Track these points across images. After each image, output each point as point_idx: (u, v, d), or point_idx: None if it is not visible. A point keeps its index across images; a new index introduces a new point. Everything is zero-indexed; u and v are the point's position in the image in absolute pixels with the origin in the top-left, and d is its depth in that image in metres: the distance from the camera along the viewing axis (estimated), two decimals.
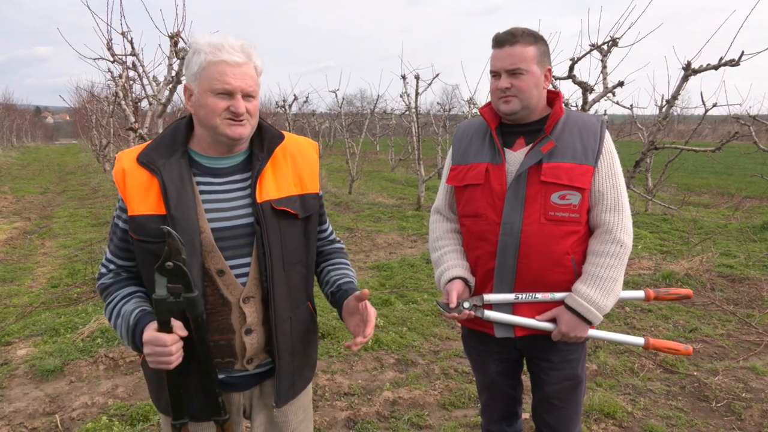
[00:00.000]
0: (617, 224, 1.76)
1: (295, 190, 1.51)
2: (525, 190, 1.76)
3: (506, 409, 2.09)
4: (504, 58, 1.75)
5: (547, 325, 1.79)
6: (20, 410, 3.21)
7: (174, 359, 1.32)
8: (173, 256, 1.25)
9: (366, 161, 17.71)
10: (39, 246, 7.71)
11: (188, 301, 1.30)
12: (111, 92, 11.68)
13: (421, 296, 5.21)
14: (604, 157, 1.77)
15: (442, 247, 1.96)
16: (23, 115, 47.72)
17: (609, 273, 1.74)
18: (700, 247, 6.82)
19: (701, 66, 4.75)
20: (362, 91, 48.50)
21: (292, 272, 1.52)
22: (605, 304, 1.74)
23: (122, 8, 4.62)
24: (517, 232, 1.75)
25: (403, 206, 10.83)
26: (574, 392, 1.93)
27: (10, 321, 4.63)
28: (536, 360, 1.93)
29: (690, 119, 28.24)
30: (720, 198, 12.28)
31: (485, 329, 1.89)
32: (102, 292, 1.52)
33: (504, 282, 1.81)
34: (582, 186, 1.73)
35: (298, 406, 1.66)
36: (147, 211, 1.39)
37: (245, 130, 1.42)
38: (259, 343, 1.50)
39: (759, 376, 3.62)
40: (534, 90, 1.77)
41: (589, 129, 1.79)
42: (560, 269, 1.78)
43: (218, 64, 1.36)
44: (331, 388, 3.43)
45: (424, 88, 10.49)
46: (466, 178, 1.88)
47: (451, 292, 1.80)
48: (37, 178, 17.87)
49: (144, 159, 1.42)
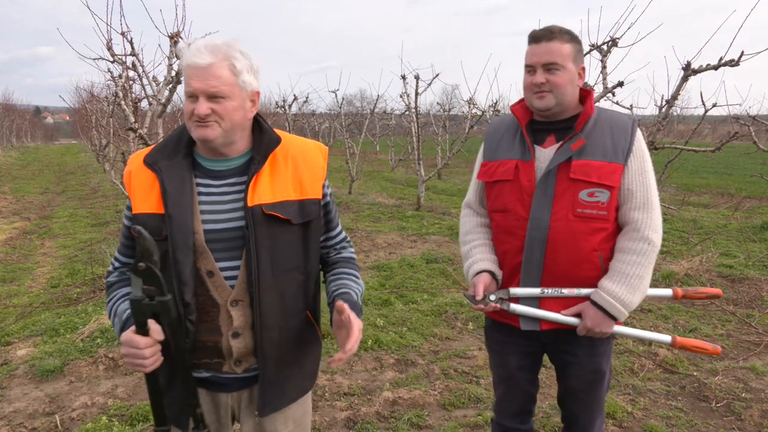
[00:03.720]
0: (646, 222, 1.78)
1: (293, 195, 1.48)
2: (554, 187, 1.78)
3: (522, 404, 2.10)
4: (541, 53, 1.76)
5: (573, 320, 1.82)
6: (20, 410, 3.21)
7: (148, 363, 1.31)
8: (145, 257, 1.24)
9: (366, 161, 17.69)
10: (39, 246, 7.71)
11: (161, 304, 1.29)
12: (111, 92, 11.66)
13: (421, 296, 5.21)
14: (634, 156, 1.79)
15: (471, 241, 2.00)
16: (23, 115, 47.67)
17: (636, 270, 1.76)
18: (700, 247, 6.82)
19: (701, 66, 4.74)
20: (362, 91, 48.46)
21: (285, 279, 1.49)
22: (631, 300, 1.76)
23: (122, 8, 4.61)
24: (545, 228, 1.78)
25: (403, 206, 10.83)
26: (599, 385, 1.96)
27: (10, 321, 4.63)
28: (561, 354, 1.96)
29: (690, 119, 28.22)
30: (720, 198, 12.27)
31: (511, 321, 1.92)
32: (107, 289, 1.54)
33: (531, 276, 1.83)
34: (611, 184, 1.75)
35: (288, 416, 1.62)
36: (148, 210, 1.43)
37: (211, 132, 1.39)
38: (247, 348, 1.49)
39: (759, 376, 3.62)
40: (568, 86, 1.78)
41: (620, 127, 1.81)
42: (587, 265, 1.80)
43: (188, 68, 1.37)
44: (330, 388, 3.43)
45: (424, 88, 10.49)
46: (495, 174, 1.90)
47: (477, 284, 1.84)
48: (37, 178, 17.87)
49: (149, 160, 1.47)
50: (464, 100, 12.96)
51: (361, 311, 1.56)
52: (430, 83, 10.46)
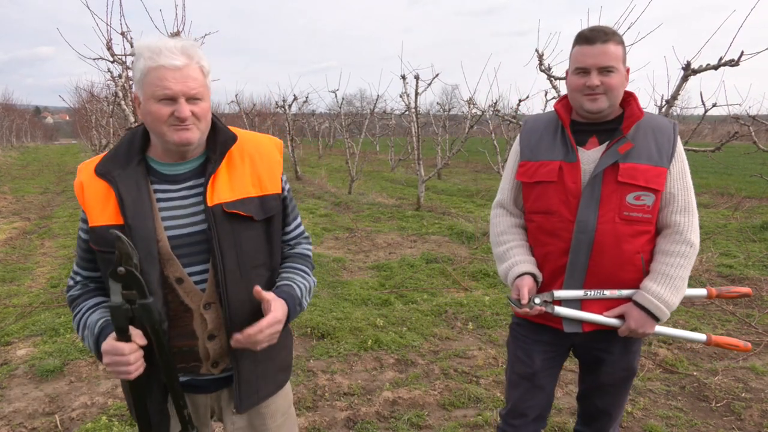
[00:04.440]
0: (687, 225, 1.81)
1: (253, 191, 1.47)
2: (601, 190, 1.78)
3: (542, 407, 2.07)
4: (597, 55, 1.74)
5: (615, 321, 1.84)
6: (20, 410, 3.21)
7: (133, 369, 1.29)
8: (124, 261, 1.23)
9: (366, 161, 17.70)
10: (39, 246, 7.71)
11: (143, 307, 1.27)
12: (111, 92, 11.67)
13: (421, 296, 5.21)
14: (676, 159, 1.81)
15: (507, 242, 1.97)
16: (23, 115, 47.68)
17: (679, 272, 1.79)
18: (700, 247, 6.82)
19: (701, 66, 4.74)
20: (362, 91, 48.52)
21: (253, 276, 1.47)
22: (674, 301, 1.79)
23: (122, 8, 4.62)
24: (592, 231, 1.78)
25: (403, 206, 10.83)
26: (629, 382, 2.04)
27: (9, 321, 4.63)
28: (595, 351, 1.98)
29: (690, 119, 28.25)
30: (720, 198, 12.26)
31: (549, 322, 1.93)
32: (70, 304, 1.50)
33: (575, 278, 1.84)
34: (657, 188, 1.77)
35: (275, 410, 1.63)
36: (106, 222, 1.38)
37: (192, 135, 1.38)
38: (223, 348, 1.48)
39: (759, 376, 3.62)
40: (621, 89, 1.79)
41: (663, 131, 1.82)
42: (630, 267, 1.82)
43: (158, 69, 1.32)
44: (330, 388, 3.43)
45: (423, 88, 10.49)
46: (537, 175, 1.88)
47: (522, 288, 1.83)
48: (36, 178, 17.86)
49: (101, 170, 1.41)
50: (464, 100, 12.98)
51: (300, 306, 1.53)
52: (430, 83, 10.46)
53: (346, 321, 4.45)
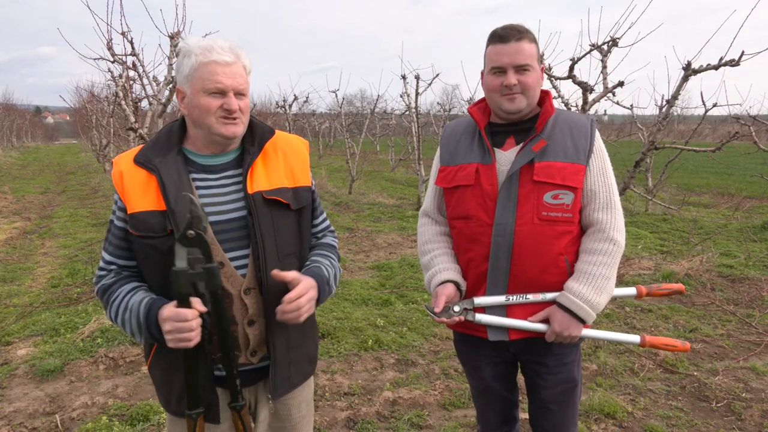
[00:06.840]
0: (610, 223, 1.74)
1: (287, 183, 1.56)
2: (517, 190, 1.72)
3: (504, 413, 2.05)
4: (512, 53, 1.69)
5: (540, 326, 1.75)
6: (20, 410, 3.21)
7: (194, 335, 1.32)
8: (194, 224, 1.26)
9: (366, 161, 17.70)
10: (39, 246, 7.71)
11: (208, 271, 1.31)
12: (111, 92, 11.69)
13: (421, 296, 5.21)
14: (595, 156, 1.75)
15: (431, 251, 1.91)
16: (23, 115, 47.71)
17: (602, 271, 1.71)
18: (700, 247, 6.82)
19: (701, 66, 4.75)
20: (362, 91, 48.52)
21: (287, 263, 1.53)
22: (598, 301, 1.71)
23: (122, 8, 4.62)
24: (510, 233, 1.71)
25: (403, 206, 10.83)
26: (571, 395, 1.90)
27: (10, 321, 4.63)
28: (531, 364, 1.90)
29: (690, 119, 28.23)
30: (720, 198, 12.27)
31: (478, 333, 1.84)
32: (104, 293, 1.50)
33: (497, 284, 1.76)
34: (575, 185, 1.71)
35: (300, 401, 1.68)
36: (146, 208, 1.43)
37: (239, 129, 1.47)
38: (261, 334, 1.53)
39: (759, 376, 3.62)
40: (537, 87, 1.75)
41: (580, 128, 1.77)
42: (554, 270, 1.75)
43: (209, 65, 1.41)
44: (331, 388, 3.43)
45: (424, 88, 10.49)
46: (455, 179, 1.82)
47: (439, 296, 1.76)
48: (37, 178, 17.87)
49: (141, 159, 1.48)
50: (464, 100, 12.97)
51: (329, 286, 1.59)
52: (430, 83, 10.46)
53: (347, 321, 4.45)
